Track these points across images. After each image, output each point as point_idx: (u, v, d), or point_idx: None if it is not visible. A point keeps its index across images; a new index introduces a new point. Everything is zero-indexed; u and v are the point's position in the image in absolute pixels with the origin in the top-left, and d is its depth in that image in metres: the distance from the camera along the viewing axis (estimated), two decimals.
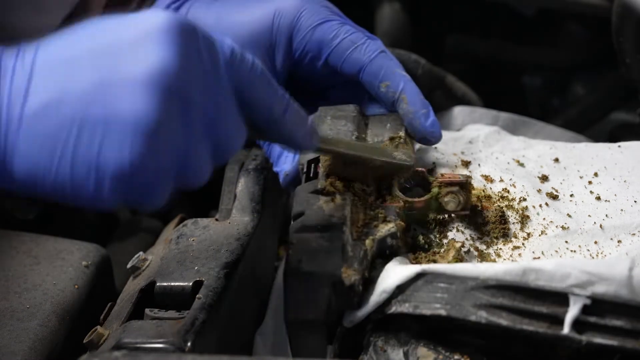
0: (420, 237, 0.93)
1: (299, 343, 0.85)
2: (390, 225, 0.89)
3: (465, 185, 0.92)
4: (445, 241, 0.93)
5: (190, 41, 0.73)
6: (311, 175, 0.93)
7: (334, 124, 0.98)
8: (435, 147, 1.04)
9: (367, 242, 0.87)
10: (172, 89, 0.71)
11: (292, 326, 0.85)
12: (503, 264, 0.83)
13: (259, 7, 1.03)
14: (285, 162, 1.00)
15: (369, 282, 0.86)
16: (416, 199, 0.92)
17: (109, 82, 0.71)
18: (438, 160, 1.02)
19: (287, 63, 1.04)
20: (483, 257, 0.91)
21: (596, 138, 1.27)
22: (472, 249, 0.92)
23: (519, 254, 0.91)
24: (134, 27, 0.73)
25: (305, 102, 1.04)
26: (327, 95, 1.08)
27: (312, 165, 0.94)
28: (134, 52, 0.71)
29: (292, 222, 0.88)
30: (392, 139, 0.97)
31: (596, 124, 1.45)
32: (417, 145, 1.02)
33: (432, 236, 0.93)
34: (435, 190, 0.92)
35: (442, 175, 0.94)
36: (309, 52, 1.03)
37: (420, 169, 0.95)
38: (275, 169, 1.02)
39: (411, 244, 0.93)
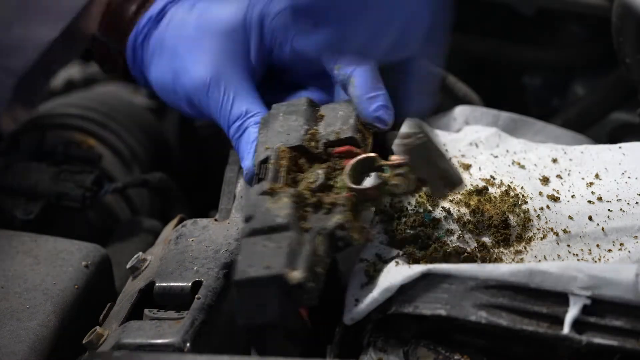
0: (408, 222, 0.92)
1: (260, 346, 0.84)
2: (338, 216, 0.87)
3: (409, 165, 0.89)
4: (447, 240, 0.93)
5: None
6: (261, 176, 0.93)
7: (285, 121, 0.97)
8: None
9: (316, 237, 0.86)
10: None
11: (249, 332, 0.83)
12: (509, 265, 0.83)
13: (237, 2, 1.04)
14: (247, 159, 0.99)
15: (325, 277, 0.85)
16: (366, 187, 0.90)
17: None
18: None
19: (260, 55, 1.04)
20: (485, 261, 0.91)
21: (596, 138, 1.27)
22: (474, 254, 0.91)
23: (521, 259, 0.91)
24: None
25: (284, 95, 1.04)
26: (305, 88, 1.07)
27: (262, 165, 0.94)
28: None
29: (242, 227, 0.88)
30: (338, 133, 0.95)
31: (596, 124, 1.44)
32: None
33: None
34: (387, 174, 0.90)
35: (393, 157, 0.91)
36: (277, 37, 1.02)
37: (370, 154, 0.92)
38: (241, 164, 1.01)
39: (402, 239, 0.92)
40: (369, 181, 0.91)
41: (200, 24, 1.05)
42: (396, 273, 0.85)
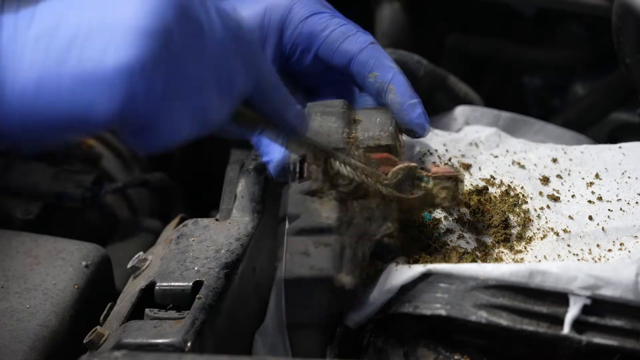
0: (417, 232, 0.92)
1: (299, 345, 0.85)
2: (387, 224, 0.88)
3: (458, 178, 0.92)
4: (447, 240, 0.93)
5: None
6: (303, 174, 0.93)
7: (324, 121, 0.97)
8: (436, 149, 1.04)
9: (364, 243, 0.87)
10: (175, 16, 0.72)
11: (291, 330, 0.85)
12: (509, 265, 0.83)
13: (251, 4, 1.04)
14: (274, 152, 0.99)
15: (370, 282, 0.86)
16: (411, 196, 0.91)
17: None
18: (438, 162, 1.02)
19: (277, 59, 1.04)
20: (485, 261, 0.91)
21: (596, 138, 1.27)
22: (474, 254, 0.91)
23: (521, 258, 0.91)
24: None
25: (296, 98, 1.04)
26: (318, 93, 1.08)
27: (302, 163, 0.94)
28: None
29: (287, 225, 0.88)
30: (378, 138, 0.95)
31: (596, 124, 1.45)
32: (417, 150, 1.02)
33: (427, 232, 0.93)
34: (430, 185, 0.91)
35: (435, 169, 0.93)
36: (299, 45, 1.03)
37: (412, 163, 0.93)
38: (264, 159, 1.02)
39: (402, 239, 0.92)
40: (404, 189, 0.92)
41: None
42: (396, 273, 0.85)
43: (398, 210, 0.91)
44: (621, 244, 0.92)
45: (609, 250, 0.92)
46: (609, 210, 0.96)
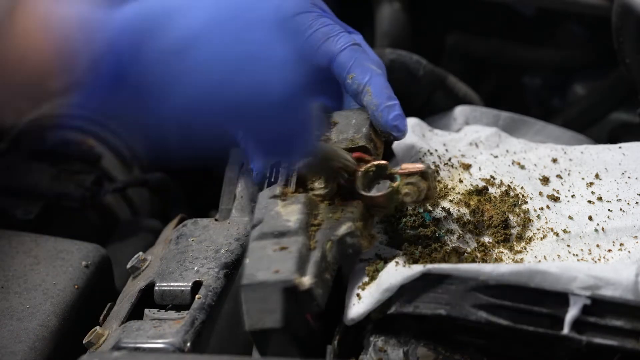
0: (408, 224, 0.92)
1: (265, 351, 0.84)
2: (348, 224, 0.87)
3: (425, 173, 0.90)
4: (447, 240, 0.93)
5: None
6: (272, 179, 0.93)
7: None
8: (436, 149, 1.04)
9: (326, 243, 0.86)
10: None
11: (253, 335, 0.83)
12: (509, 265, 0.83)
13: None
14: (258, 161, 0.99)
15: (345, 280, 0.85)
16: (376, 194, 0.90)
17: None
18: (438, 162, 1.02)
19: None
20: (485, 261, 0.91)
21: (596, 138, 1.27)
22: (474, 254, 0.91)
23: (521, 259, 0.91)
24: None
25: None
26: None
27: (274, 169, 0.94)
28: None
29: (251, 230, 0.88)
30: (351, 140, 0.95)
31: (596, 124, 1.45)
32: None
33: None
34: (396, 183, 0.90)
35: (404, 166, 0.91)
36: None
37: (381, 162, 0.92)
38: (250, 166, 1.01)
39: (402, 239, 0.92)
40: (378, 188, 0.91)
41: None
42: (396, 273, 0.85)
43: (365, 209, 0.90)
44: (621, 244, 0.92)
45: (609, 250, 0.92)
46: (608, 210, 0.96)
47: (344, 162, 0.90)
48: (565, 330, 0.81)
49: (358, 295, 0.87)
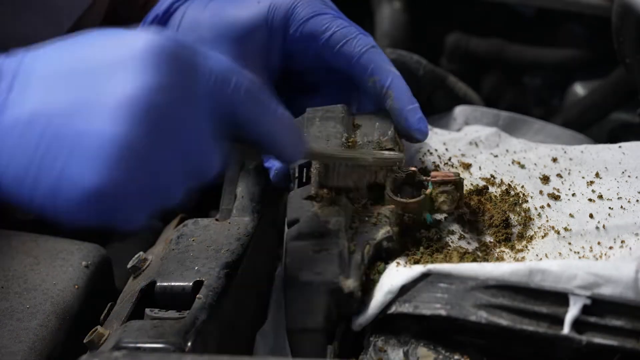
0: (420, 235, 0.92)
1: (300, 351, 0.85)
2: (386, 228, 0.88)
3: (458, 183, 0.92)
4: (449, 241, 0.93)
5: (170, 65, 0.73)
6: (304, 180, 0.93)
7: (323, 126, 0.97)
8: (436, 149, 1.04)
9: (365, 247, 0.87)
10: (146, 112, 0.71)
11: (292, 335, 0.84)
12: (509, 264, 0.83)
13: (254, 3, 1.04)
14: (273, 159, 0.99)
15: (371, 284, 0.86)
16: (410, 200, 0.91)
17: (85, 102, 0.71)
18: (438, 162, 1.02)
19: (280, 58, 1.04)
20: (487, 261, 0.91)
21: (596, 138, 1.27)
22: (475, 254, 0.91)
23: (523, 257, 0.91)
24: (119, 47, 0.73)
25: (298, 98, 1.04)
26: (320, 91, 1.08)
27: (304, 169, 0.94)
28: (113, 74, 0.72)
29: (286, 229, 0.88)
30: (378, 143, 0.96)
31: (596, 124, 1.45)
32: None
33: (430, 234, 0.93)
34: (429, 190, 0.92)
35: (434, 174, 0.93)
36: (301, 45, 1.03)
37: (412, 168, 0.94)
38: (265, 164, 1.02)
39: (403, 239, 0.92)
40: (406, 194, 0.93)
41: (215, 24, 1.03)
42: (397, 274, 0.85)
43: (398, 215, 0.91)
44: (622, 242, 0.93)
45: (610, 247, 0.92)
46: (609, 208, 0.96)
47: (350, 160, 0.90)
48: (565, 330, 0.81)
49: (360, 299, 0.87)
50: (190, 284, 0.93)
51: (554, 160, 1.04)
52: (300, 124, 0.99)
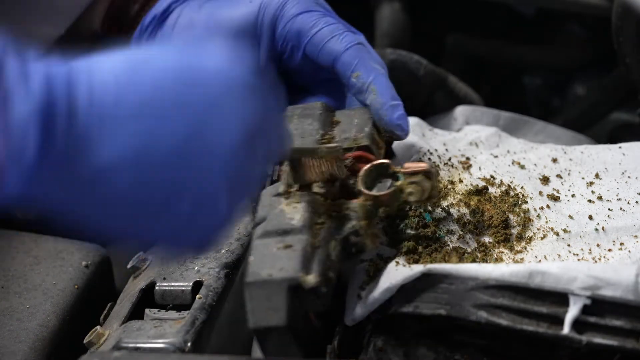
0: (407, 228, 0.92)
1: (268, 349, 0.84)
2: (352, 222, 0.88)
3: (429, 173, 0.90)
4: (448, 240, 0.93)
5: (260, 91, 0.75)
6: (274, 177, 0.93)
7: (300, 123, 0.97)
8: (436, 149, 1.04)
9: (330, 242, 0.86)
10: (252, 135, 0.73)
11: (257, 333, 0.83)
12: (509, 265, 0.83)
13: (247, 3, 1.04)
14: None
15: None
16: (379, 193, 0.90)
17: (198, 137, 0.70)
18: (438, 162, 1.02)
19: (270, 57, 1.05)
20: (485, 261, 0.91)
21: (596, 138, 1.27)
22: (474, 254, 0.91)
23: (522, 258, 0.91)
24: (216, 79, 0.73)
25: (290, 97, 1.04)
26: (311, 91, 1.08)
27: (276, 167, 0.94)
28: (220, 108, 0.72)
29: (254, 228, 0.88)
30: (354, 139, 0.95)
31: (596, 124, 1.45)
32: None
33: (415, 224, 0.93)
34: (400, 182, 0.90)
35: (407, 165, 0.91)
36: (289, 42, 1.03)
37: (384, 160, 0.92)
38: None
39: (397, 239, 0.92)
40: (381, 187, 0.91)
41: (209, 24, 1.04)
42: (396, 273, 0.85)
43: (368, 209, 0.90)
44: (621, 244, 0.92)
45: (609, 250, 0.92)
46: (609, 209, 0.96)
47: (324, 154, 0.91)
48: (565, 330, 0.81)
49: (359, 295, 0.87)
50: (190, 284, 0.93)
51: (554, 160, 1.04)
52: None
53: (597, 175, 1.01)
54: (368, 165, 0.91)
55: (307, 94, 1.07)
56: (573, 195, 0.99)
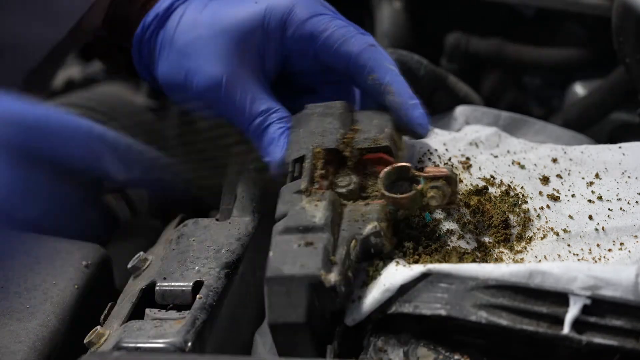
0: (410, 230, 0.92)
1: (284, 346, 0.84)
2: (373, 223, 0.88)
3: (450, 178, 0.91)
4: (448, 240, 0.93)
5: None
6: (295, 174, 0.93)
7: (321, 122, 0.97)
8: (436, 149, 1.04)
9: (351, 242, 0.86)
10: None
11: (274, 329, 0.84)
12: (509, 265, 0.83)
13: (251, 4, 1.04)
14: (276, 152, 1.00)
15: (358, 282, 0.86)
16: (400, 195, 0.90)
17: None
18: (438, 162, 1.02)
19: (277, 60, 1.05)
20: (485, 261, 0.91)
21: (596, 138, 1.27)
22: (474, 254, 0.91)
23: (522, 259, 0.91)
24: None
25: (296, 99, 1.05)
26: (318, 92, 1.08)
27: (297, 164, 0.94)
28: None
29: (275, 224, 0.88)
30: (374, 139, 0.96)
31: (596, 124, 1.45)
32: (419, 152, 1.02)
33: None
34: (421, 185, 0.91)
35: (428, 169, 0.93)
36: (299, 46, 1.03)
37: (405, 163, 0.93)
38: (265, 158, 1.02)
39: (397, 239, 0.92)
40: (399, 190, 0.92)
41: (213, 24, 1.04)
42: (396, 273, 0.85)
43: (389, 211, 0.91)
44: (621, 244, 0.93)
45: (609, 250, 0.92)
46: (609, 209, 0.96)
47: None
48: (566, 330, 0.81)
49: (359, 295, 0.87)
50: (191, 284, 0.93)
51: (554, 160, 1.04)
52: (296, 121, 0.99)
53: (597, 175, 1.01)
54: (389, 167, 0.92)
55: (314, 97, 1.07)
56: (573, 195, 0.99)
